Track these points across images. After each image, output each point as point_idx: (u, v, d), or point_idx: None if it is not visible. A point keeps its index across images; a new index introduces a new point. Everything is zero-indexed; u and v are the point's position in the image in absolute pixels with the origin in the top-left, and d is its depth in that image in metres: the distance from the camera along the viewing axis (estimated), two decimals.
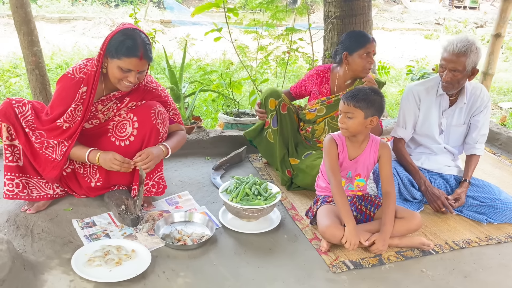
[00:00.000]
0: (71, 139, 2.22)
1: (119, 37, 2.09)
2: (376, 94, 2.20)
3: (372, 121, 2.18)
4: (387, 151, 2.27)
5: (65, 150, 2.22)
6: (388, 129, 3.68)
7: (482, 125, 2.63)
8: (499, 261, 2.18)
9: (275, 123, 2.84)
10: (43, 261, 1.95)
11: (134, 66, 2.11)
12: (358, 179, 2.33)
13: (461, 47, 2.36)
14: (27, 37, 3.02)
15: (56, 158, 2.23)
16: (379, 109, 2.20)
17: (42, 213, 2.34)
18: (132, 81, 2.15)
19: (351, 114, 2.17)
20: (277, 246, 2.21)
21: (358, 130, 2.21)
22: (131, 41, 2.08)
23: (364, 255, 2.15)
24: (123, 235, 2.22)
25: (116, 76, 2.14)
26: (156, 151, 2.28)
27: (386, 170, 2.26)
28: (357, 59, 2.70)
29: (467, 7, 17.72)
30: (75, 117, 2.19)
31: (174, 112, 2.50)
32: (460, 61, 2.38)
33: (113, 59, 2.11)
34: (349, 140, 2.28)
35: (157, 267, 1.99)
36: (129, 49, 2.08)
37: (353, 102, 2.16)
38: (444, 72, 2.45)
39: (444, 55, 2.44)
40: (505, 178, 3.09)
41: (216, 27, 3.67)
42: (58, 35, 8.90)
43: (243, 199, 2.29)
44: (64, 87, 2.20)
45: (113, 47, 2.09)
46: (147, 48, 2.13)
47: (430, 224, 2.45)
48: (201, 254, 2.11)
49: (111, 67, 2.14)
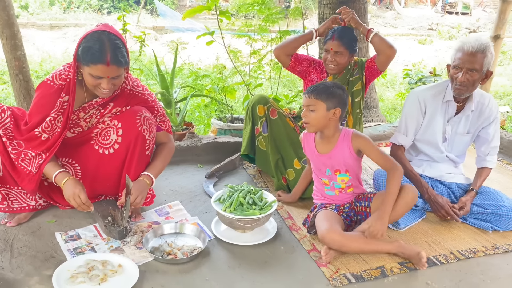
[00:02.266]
0: (49, 151, 2.08)
1: (86, 42, 1.95)
2: (338, 88, 2.19)
3: (335, 114, 2.15)
4: (362, 140, 2.18)
5: (41, 162, 2.08)
6: (387, 134, 3.59)
7: (493, 138, 2.52)
8: (508, 271, 2.07)
9: (265, 129, 2.75)
10: (22, 279, 1.82)
11: (103, 72, 1.95)
12: (339, 175, 2.24)
13: (479, 45, 2.26)
14: (10, 41, 2.90)
15: (31, 171, 2.09)
16: (342, 101, 2.17)
17: (23, 226, 2.21)
18: (106, 88, 2.00)
19: (313, 107, 2.14)
20: (274, 259, 2.09)
21: (322, 123, 2.17)
22: (98, 46, 1.92)
23: (366, 267, 2.03)
24: (109, 248, 2.08)
25: (90, 83, 2.01)
26: (142, 186, 2.15)
27: (374, 156, 2.17)
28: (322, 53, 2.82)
29: (459, 12, 17.84)
30: (54, 127, 2.05)
31: (161, 118, 2.36)
32: (477, 60, 2.27)
33: (84, 66, 1.98)
34: (319, 136, 2.25)
35: (146, 283, 1.86)
36: (95, 55, 1.92)
37: (314, 94, 2.15)
38: (459, 73, 2.32)
39: (459, 55, 2.32)
40: (508, 184, 2.99)
41: (208, 31, 3.57)
42: (49, 42, 8.76)
43: (237, 209, 2.17)
44: (43, 94, 2.06)
45: (81, 54, 1.96)
46: (117, 53, 1.95)
47: (433, 233, 2.34)
48: (193, 268, 1.98)
49: (84, 74, 2.01)
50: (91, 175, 2.26)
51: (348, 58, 2.76)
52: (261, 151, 2.80)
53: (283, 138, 2.75)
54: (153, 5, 13.45)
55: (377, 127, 3.75)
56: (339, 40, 2.70)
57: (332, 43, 2.71)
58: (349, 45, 2.73)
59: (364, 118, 4.13)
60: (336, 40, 2.70)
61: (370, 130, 3.69)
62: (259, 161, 2.82)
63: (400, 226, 2.35)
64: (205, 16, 12.61)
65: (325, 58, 2.76)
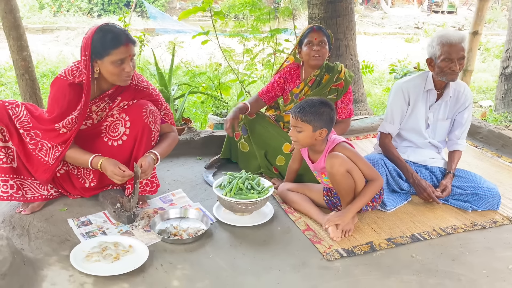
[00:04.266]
0: (65, 144, 2.24)
1: (98, 36, 2.12)
2: (325, 106, 2.25)
3: (321, 133, 2.25)
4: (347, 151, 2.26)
5: (58, 155, 2.24)
6: (374, 126, 3.78)
7: (466, 121, 2.74)
8: (484, 244, 2.26)
9: (245, 131, 2.94)
10: (42, 258, 1.97)
11: (125, 53, 2.14)
12: (325, 177, 2.41)
13: (458, 35, 2.51)
14: (17, 42, 3.04)
15: (48, 162, 2.25)
16: (328, 121, 2.25)
17: (37, 214, 2.35)
18: (129, 70, 2.18)
19: (299, 128, 2.24)
20: (271, 238, 2.26)
21: (308, 142, 2.29)
22: (111, 33, 2.13)
23: (356, 243, 2.22)
24: (119, 232, 2.24)
25: (113, 72, 2.17)
26: (148, 159, 2.30)
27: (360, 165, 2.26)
28: (304, 48, 2.83)
29: (445, 11, 18.16)
30: (73, 124, 2.22)
31: (165, 111, 2.53)
32: (464, 48, 2.51)
33: (103, 57, 2.14)
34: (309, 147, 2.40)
35: (155, 261, 2.02)
36: (113, 40, 2.11)
37: (300, 115, 2.22)
38: (451, 64, 2.50)
39: (446, 48, 2.49)
40: (488, 169, 3.20)
41: (203, 30, 3.74)
42: (42, 45, 8.85)
43: (236, 194, 2.34)
44: (58, 89, 2.21)
45: (98, 47, 2.12)
46: (127, 33, 2.18)
47: (418, 213, 2.54)
48: (198, 248, 2.15)
49: (105, 66, 2.16)
50: None
51: (327, 51, 2.83)
52: (243, 154, 2.99)
53: (265, 131, 2.90)
54: (143, 8, 13.54)
55: (365, 119, 3.95)
56: (320, 31, 2.80)
57: (315, 33, 2.78)
58: (328, 37, 2.82)
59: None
60: (318, 31, 2.79)
61: (358, 122, 3.88)
62: (242, 163, 3.00)
63: (387, 208, 2.54)
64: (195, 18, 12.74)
65: (310, 50, 2.79)
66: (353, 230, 2.31)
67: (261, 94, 2.98)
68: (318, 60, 2.82)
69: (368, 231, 2.34)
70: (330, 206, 2.48)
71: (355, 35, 4.33)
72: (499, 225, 2.44)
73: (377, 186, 2.30)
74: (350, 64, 4.30)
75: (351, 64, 4.31)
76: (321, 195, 2.49)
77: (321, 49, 2.80)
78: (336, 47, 4.18)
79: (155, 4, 14.29)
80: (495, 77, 7.45)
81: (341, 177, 2.23)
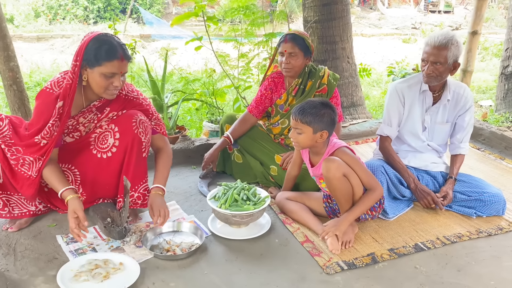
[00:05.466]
0: (45, 154, 2.15)
1: (94, 45, 2.04)
2: (326, 107, 2.18)
3: (322, 135, 2.19)
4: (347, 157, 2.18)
5: (40, 165, 2.14)
6: (373, 130, 3.70)
7: (468, 125, 2.65)
8: (491, 253, 2.18)
9: (236, 144, 2.88)
10: (27, 279, 1.88)
11: (117, 68, 2.06)
12: (323, 182, 2.33)
13: (441, 40, 2.40)
14: (3, 52, 2.95)
15: (31, 175, 2.15)
16: (329, 123, 2.18)
17: (24, 231, 2.27)
18: (118, 85, 2.10)
19: (299, 130, 2.19)
20: (269, 251, 2.17)
21: (308, 144, 2.23)
22: (108, 45, 2.04)
23: (357, 255, 2.13)
24: (110, 248, 2.15)
25: (101, 84, 2.09)
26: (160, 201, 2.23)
27: (359, 172, 2.19)
28: (278, 58, 2.74)
29: (441, 11, 18.13)
30: (52, 132, 2.12)
31: (156, 121, 2.43)
32: (441, 54, 2.41)
33: (94, 67, 2.06)
34: (310, 149, 2.33)
35: (147, 279, 1.93)
36: (108, 53, 2.03)
37: (300, 117, 2.16)
38: (426, 65, 2.47)
39: (426, 48, 2.47)
40: (491, 172, 3.11)
41: (197, 36, 3.66)
42: (36, 54, 8.78)
43: (232, 205, 2.26)
44: (43, 102, 2.13)
45: (91, 55, 2.04)
46: (124, 48, 2.10)
47: (420, 221, 2.45)
48: (192, 263, 2.06)
49: (93, 76, 2.08)
50: (90, 180, 2.32)
51: (303, 61, 2.69)
52: (238, 165, 2.92)
53: (255, 144, 2.84)
54: (139, 14, 13.50)
55: (364, 123, 3.86)
56: (292, 41, 2.63)
57: (286, 45, 2.64)
58: (303, 47, 2.65)
59: (351, 115, 4.25)
60: (289, 42, 2.63)
61: (357, 126, 3.80)
62: (237, 174, 2.91)
63: (389, 216, 2.45)
64: (192, 23, 12.69)
65: (281, 62, 2.69)
66: (354, 241, 2.22)
67: (251, 110, 2.88)
68: (288, 72, 2.71)
69: (369, 241, 2.25)
70: (330, 213, 2.39)
71: (352, 38, 4.25)
72: (505, 231, 2.35)
73: (376, 196, 2.21)
74: (347, 67, 4.22)
75: (348, 67, 4.22)
76: (321, 203, 2.40)
77: (290, 62, 2.65)
78: (332, 50, 4.10)
79: (151, 10, 14.25)
80: (494, 77, 7.39)
81: (337, 182, 2.14)
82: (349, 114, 4.19)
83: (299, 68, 2.72)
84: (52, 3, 13.24)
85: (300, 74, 2.76)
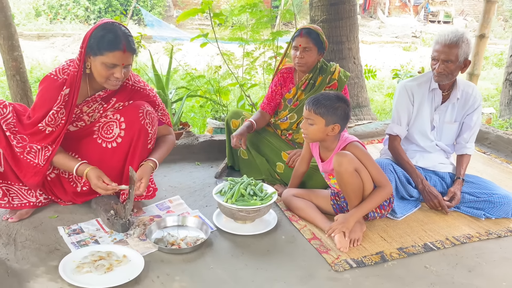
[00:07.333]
0: (54, 143, 2.11)
1: (99, 32, 2.00)
2: (341, 101, 2.15)
3: (334, 129, 2.15)
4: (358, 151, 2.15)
5: (49, 154, 2.10)
6: (378, 131, 3.67)
7: (475, 124, 2.62)
8: (502, 254, 2.14)
9: None
10: (28, 269, 1.82)
11: (119, 60, 2.01)
12: (333, 178, 2.29)
13: (452, 37, 2.38)
14: (7, 42, 2.91)
15: (38, 164, 2.10)
16: (343, 117, 2.15)
17: (25, 221, 2.21)
18: (119, 77, 2.05)
19: (311, 121, 2.15)
20: (275, 248, 2.12)
21: (318, 137, 2.19)
22: (112, 34, 1.99)
23: (366, 253, 2.09)
24: (113, 241, 2.10)
25: (102, 74, 2.04)
26: (146, 169, 2.17)
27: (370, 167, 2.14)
28: (292, 52, 2.71)
29: (441, 21, 18.24)
30: (57, 120, 2.07)
31: (162, 112, 2.39)
32: (452, 52, 2.39)
33: (96, 56, 2.01)
34: (320, 143, 2.28)
35: (151, 272, 1.88)
36: (111, 43, 1.98)
37: (314, 108, 2.12)
38: (437, 64, 2.45)
39: (436, 47, 2.44)
40: (498, 176, 3.08)
41: (202, 33, 3.63)
42: (37, 51, 8.73)
43: (238, 200, 2.21)
44: (47, 88, 2.08)
45: (94, 43, 1.99)
46: (130, 40, 2.04)
47: (429, 221, 2.41)
48: (197, 258, 2.00)
49: (95, 65, 2.04)
50: None
51: (316, 56, 2.68)
52: (244, 161, 2.87)
53: (262, 140, 2.80)
54: (140, 16, 13.49)
55: (369, 124, 3.83)
56: (307, 36, 2.62)
57: (300, 39, 2.63)
58: (317, 42, 2.65)
59: (356, 116, 4.22)
60: (304, 36, 2.62)
61: (362, 127, 3.76)
62: (244, 170, 2.86)
63: (397, 215, 2.41)
64: (193, 26, 12.71)
65: (294, 56, 2.68)
66: (362, 239, 2.17)
67: (264, 107, 2.86)
68: (301, 67, 2.70)
69: (377, 240, 2.21)
70: (338, 211, 2.34)
71: (358, 38, 4.23)
72: None
73: (386, 193, 2.18)
74: (353, 68, 4.20)
75: (354, 67, 4.20)
76: (328, 201, 2.36)
77: (304, 57, 2.65)
78: (339, 50, 4.08)
79: (152, 13, 14.23)
80: (495, 85, 7.41)
81: (349, 176, 2.09)
82: (354, 115, 4.16)
83: (312, 63, 2.70)
84: (53, 3, 13.23)
85: (311, 69, 2.74)
